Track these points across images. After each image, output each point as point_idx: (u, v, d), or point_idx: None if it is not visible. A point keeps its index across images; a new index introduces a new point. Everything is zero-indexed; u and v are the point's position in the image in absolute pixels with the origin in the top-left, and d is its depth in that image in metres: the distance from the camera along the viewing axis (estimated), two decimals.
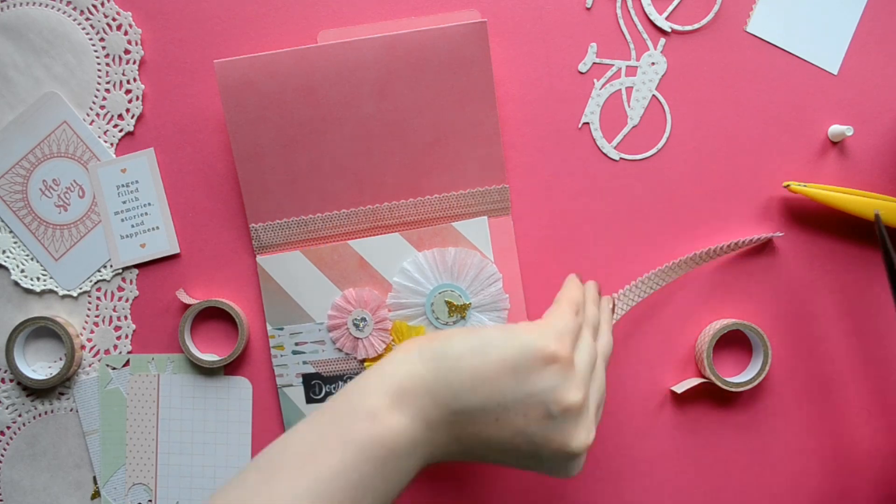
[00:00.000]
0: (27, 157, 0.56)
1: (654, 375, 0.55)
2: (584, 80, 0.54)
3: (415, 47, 0.51)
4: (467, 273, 0.53)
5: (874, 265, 0.54)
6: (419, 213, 0.54)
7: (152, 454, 0.56)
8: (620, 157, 0.55)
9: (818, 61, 0.54)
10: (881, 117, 0.54)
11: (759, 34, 0.54)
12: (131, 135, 0.56)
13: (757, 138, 0.54)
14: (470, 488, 0.56)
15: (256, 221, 0.54)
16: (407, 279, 0.53)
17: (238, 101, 0.52)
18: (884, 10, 0.54)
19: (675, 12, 0.54)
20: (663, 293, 0.55)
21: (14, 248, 0.56)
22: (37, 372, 0.56)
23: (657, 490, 0.55)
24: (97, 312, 0.57)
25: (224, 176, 0.56)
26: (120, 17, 0.55)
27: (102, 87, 0.55)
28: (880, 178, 0.54)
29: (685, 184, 0.55)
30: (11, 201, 0.56)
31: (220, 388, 0.56)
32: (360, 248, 0.54)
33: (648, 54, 0.54)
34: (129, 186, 0.56)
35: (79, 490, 0.57)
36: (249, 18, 0.55)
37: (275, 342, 0.55)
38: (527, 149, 0.55)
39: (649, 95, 0.54)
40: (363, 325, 0.54)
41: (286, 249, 0.54)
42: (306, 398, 0.55)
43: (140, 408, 0.56)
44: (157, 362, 0.56)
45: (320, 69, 0.52)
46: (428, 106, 0.52)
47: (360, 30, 0.54)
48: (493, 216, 0.54)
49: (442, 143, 0.53)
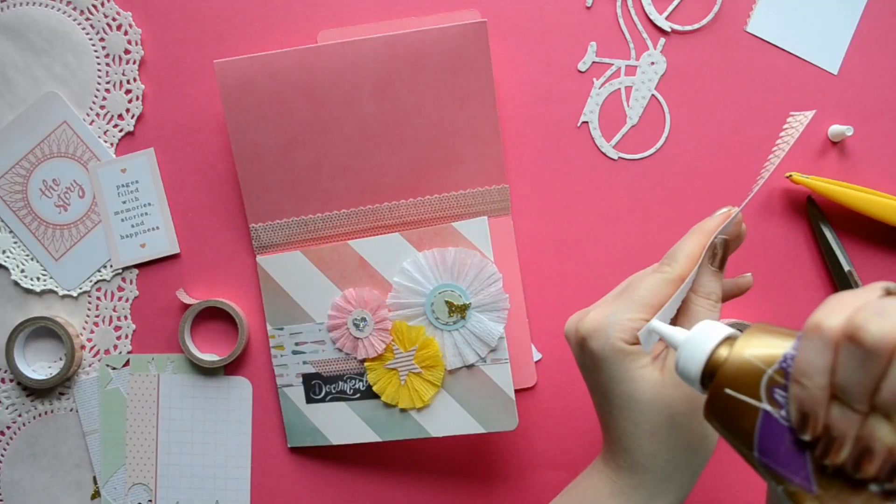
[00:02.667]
0: (27, 157, 0.56)
1: None
2: (584, 79, 0.54)
3: (415, 47, 0.51)
4: (467, 273, 0.53)
5: (875, 264, 0.54)
6: (419, 213, 0.54)
7: (152, 454, 0.56)
8: (619, 157, 0.55)
9: (818, 61, 0.54)
10: (881, 117, 0.54)
11: (759, 34, 0.54)
12: (131, 135, 0.56)
13: (756, 138, 0.54)
14: (469, 487, 0.56)
15: (256, 221, 0.54)
16: (407, 279, 0.53)
17: (238, 101, 0.52)
18: (884, 10, 0.54)
19: (675, 12, 0.54)
20: None
21: (14, 248, 0.56)
22: (37, 372, 0.56)
23: None
24: (97, 312, 0.57)
25: (224, 176, 0.56)
26: (120, 17, 0.55)
27: (102, 87, 0.55)
28: (880, 178, 0.54)
29: (684, 183, 0.55)
30: (11, 201, 0.56)
31: (220, 388, 0.56)
32: (360, 248, 0.54)
33: (648, 54, 0.54)
34: (129, 186, 0.56)
35: (79, 490, 0.57)
36: (249, 18, 0.55)
37: (275, 342, 0.55)
38: (527, 149, 0.55)
39: (648, 95, 0.54)
40: (363, 325, 0.54)
41: (286, 249, 0.54)
42: (306, 398, 0.55)
43: (140, 408, 0.56)
44: (157, 362, 0.56)
45: (320, 69, 0.52)
46: (428, 106, 0.52)
47: (360, 30, 0.54)
48: (493, 216, 0.54)
49: (442, 143, 0.53)
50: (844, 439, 0.27)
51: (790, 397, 0.28)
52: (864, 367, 0.26)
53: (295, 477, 0.56)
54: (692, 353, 0.32)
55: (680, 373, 0.33)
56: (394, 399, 0.53)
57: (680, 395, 0.37)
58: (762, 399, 0.29)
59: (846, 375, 0.27)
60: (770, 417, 0.29)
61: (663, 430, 0.37)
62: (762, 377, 0.29)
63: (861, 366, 0.26)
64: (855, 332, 0.26)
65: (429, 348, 0.53)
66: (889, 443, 0.26)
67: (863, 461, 0.26)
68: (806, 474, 0.28)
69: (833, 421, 0.27)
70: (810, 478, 0.28)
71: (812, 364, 0.27)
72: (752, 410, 0.29)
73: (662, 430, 0.37)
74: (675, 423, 0.37)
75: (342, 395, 0.54)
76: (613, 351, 0.38)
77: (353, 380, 0.54)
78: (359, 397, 0.54)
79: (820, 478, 0.28)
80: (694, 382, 0.32)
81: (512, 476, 0.56)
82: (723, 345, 0.32)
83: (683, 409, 0.37)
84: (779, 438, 0.29)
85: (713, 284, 0.39)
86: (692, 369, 0.32)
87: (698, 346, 0.32)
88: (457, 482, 0.56)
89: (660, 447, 0.37)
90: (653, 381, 0.37)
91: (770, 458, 0.29)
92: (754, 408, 0.29)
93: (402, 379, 0.53)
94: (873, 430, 0.26)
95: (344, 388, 0.54)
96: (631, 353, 0.38)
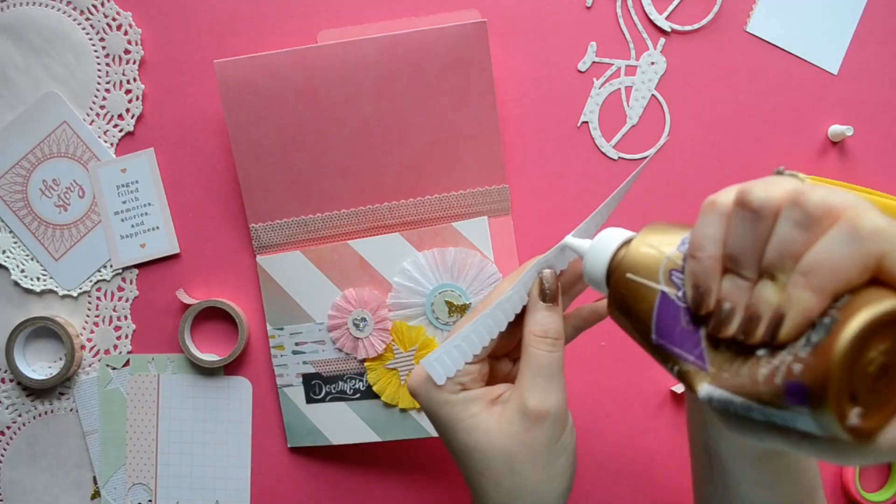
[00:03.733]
0: (27, 157, 0.56)
1: (654, 375, 0.55)
2: (584, 79, 0.54)
3: (415, 47, 0.51)
4: (467, 273, 0.53)
5: None
6: (419, 213, 0.54)
7: (152, 454, 0.56)
8: (619, 157, 0.55)
9: (818, 61, 0.54)
10: (881, 117, 0.54)
11: (759, 34, 0.54)
12: (131, 135, 0.56)
13: (756, 138, 0.54)
14: None
15: (256, 221, 0.54)
16: (407, 279, 0.53)
17: (238, 101, 0.52)
18: (884, 10, 0.54)
19: (675, 12, 0.54)
20: None
21: (14, 248, 0.56)
22: (37, 372, 0.56)
23: (657, 489, 0.55)
24: (97, 312, 0.57)
25: (224, 176, 0.56)
26: (120, 17, 0.55)
27: (102, 87, 0.55)
28: (880, 178, 0.54)
29: (684, 183, 0.55)
30: (11, 201, 0.56)
31: (220, 388, 0.56)
32: (360, 248, 0.54)
33: (648, 54, 0.54)
34: (129, 186, 0.56)
35: (79, 490, 0.57)
36: (249, 18, 0.55)
37: (275, 342, 0.55)
38: (527, 149, 0.55)
39: (648, 95, 0.54)
40: (363, 325, 0.54)
41: (286, 249, 0.54)
42: (306, 398, 0.55)
43: (140, 408, 0.56)
44: (157, 362, 0.56)
45: (320, 69, 0.52)
46: (428, 106, 0.52)
47: (360, 30, 0.54)
48: (493, 216, 0.54)
49: (442, 143, 0.53)
50: (735, 309, 0.28)
51: (686, 274, 0.30)
52: (753, 229, 0.28)
53: (295, 477, 0.56)
54: (596, 256, 0.34)
55: (587, 278, 0.35)
56: (394, 399, 0.53)
57: (517, 442, 0.36)
58: (660, 282, 0.31)
59: (736, 241, 0.28)
60: (667, 298, 0.31)
61: (505, 477, 0.36)
62: (661, 262, 0.31)
63: (749, 229, 0.28)
64: (743, 196, 0.28)
65: (429, 348, 0.53)
66: (774, 302, 0.27)
67: (751, 327, 0.28)
68: (700, 352, 0.30)
69: (725, 293, 0.29)
70: (704, 355, 0.29)
71: (706, 236, 0.29)
72: (651, 293, 0.31)
73: (504, 478, 0.36)
74: (517, 471, 0.36)
75: (342, 395, 0.54)
76: (438, 404, 0.37)
77: (353, 380, 0.54)
78: (359, 397, 0.54)
79: (713, 355, 0.29)
80: (600, 285, 0.34)
81: None
82: (624, 246, 0.33)
83: (524, 455, 0.36)
84: (675, 319, 0.30)
85: (547, 320, 0.37)
86: (597, 271, 0.34)
87: (602, 249, 0.34)
88: (457, 482, 0.56)
89: (506, 496, 0.37)
90: (486, 429, 0.36)
91: (667, 338, 0.31)
92: (653, 290, 0.31)
93: (403, 379, 0.53)
94: (760, 294, 0.28)
95: (344, 388, 0.54)
96: (458, 402, 0.37)
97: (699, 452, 0.41)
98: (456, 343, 0.38)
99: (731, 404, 0.28)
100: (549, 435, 0.36)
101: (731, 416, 0.29)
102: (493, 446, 0.36)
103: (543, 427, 0.36)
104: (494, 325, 0.38)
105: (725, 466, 0.38)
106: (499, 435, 0.36)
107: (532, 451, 0.36)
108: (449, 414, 0.37)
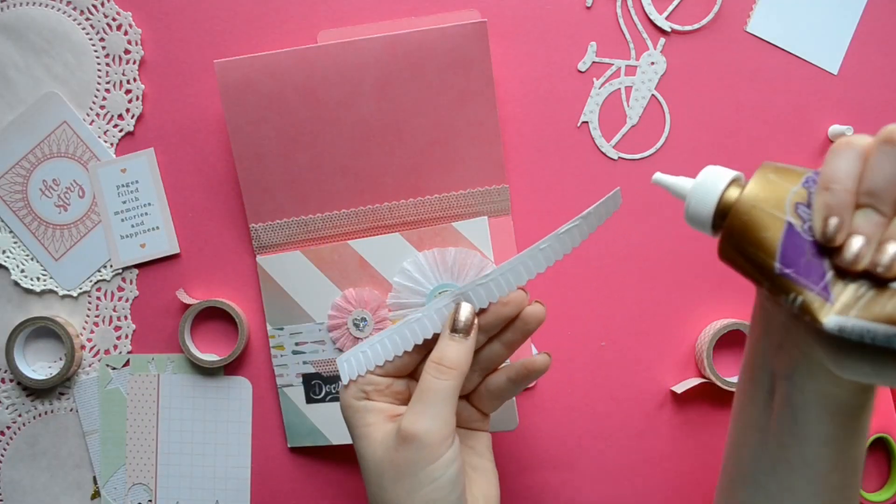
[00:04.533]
0: (27, 157, 0.56)
1: (654, 375, 0.55)
2: (584, 79, 0.54)
3: (415, 47, 0.51)
4: (467, 273, 0.53)
5: None
6: (419, 213, 0.54)
7: (152, 454, 0.56)
8: (619, 157, 0.55)
9: (818, 61, 0.54)
10: (881, 117, 0.54)
11: (759, 34, 0.54)
12: (131, 135, 0.56)
13: (757, 138, 0.54)
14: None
15: (256, 221, 0.54)
16: (407, 279, 0.53)
17: (238, 101, 0.52)
18: (884, 10, 0.54)
19: (675, 12, 0.54)
20: (664, 292, 0.55)
21: (14, 248, 0.56)
22: (37, 372, 0.56)
23: (657, 490, 0.55)
24: (97, 312, 0.57)
25: (224, 176, 0.56)
26: (120, 17, 0.55)
27: (102, 87, 0.55)
28: None
29: None
30: (11, 201, 0.56)
31: (220, 388, 0.56)
32: (360, 248, 0.54)
33: (648, 54, 0.54)
34: (129, 186, 0.56)
35: (79, 490, 0.57)
36: (249, 18, 0.55)
37: (275, 342, 0.55)
38: (527, 149, 0.55)
39: (648, 95, 0.54)
40: (363, 325, 0.54)
41: (286, 249, 0.54)
42: (306, 398, 0.55)
43: (140, 408, 0.56)
44: (157, 362, 0.56)
45: (320, 69, 0.52)
46: (428, 106, 0.52)
47: (360, 30, 0.54)
48: (493, 216, 0.54)
49: (442, 143, 0.53)
50: (870, 242, 0.29)
51: (817, 206, 0.30)
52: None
53: (295, 477, 0.56)
54: (704, 192, 0.34)
55: (690, 218, 0.35)
56: None
57: (387, 459, 0.37)
58: (786, 213, 0.31)
59: (878, 176, 0.29)
60: (793, 229, 0.31)
61: (377, 491, 0.38)
62: (788, 193, 0.31)
63: (894, 164, 0.29)
64: (890, 134, 0.29)
65: None
66: None
67: (891, 260, 0.28)
68: (825, 284, 0.30)
69: (859, 227, 0.29)
70: (829, 287, 0.30)
71: (841, 169, 0.30)
72: (777, 222, 0.31)
73: (377, 490, 0.38)
74: (384, 487, 0.37)
75: None
76: (345, 407, 0.40)
77: None
78: None
79: (839, 288, 0.30)
80: (706, 224, 0.34)
81: (512, 476, 0.56)
82: (731, 186, 0.34)
83: (389, 473, 0.37)
84: (800, 250, 0.31)
85: (448, 349, 0.38)
86: (705, 207, 0.34)
87: (710, 186, 0.34)
88: None
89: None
90: (372, 440, 0.38)
91: (792, 267, 0.31)
92: (779, 219, 0.31)
93: None
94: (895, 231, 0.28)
95: None
96: (358, 409, 0.39)
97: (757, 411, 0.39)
98: (363, 349, 0.39)
99: (870, 334, 0.28)
100: (415, 459, 0.36)
101: (856, 349, 0.29)
102: (372, 458, 0.38)
103: (409, 449, 0.36)
104: (400, 342, 0.39)
105: (796, 418, 0.36)
106: (378, 448, 0.38)
107: (396, 471, 0.37)
108: (350, 418, 0.39)
